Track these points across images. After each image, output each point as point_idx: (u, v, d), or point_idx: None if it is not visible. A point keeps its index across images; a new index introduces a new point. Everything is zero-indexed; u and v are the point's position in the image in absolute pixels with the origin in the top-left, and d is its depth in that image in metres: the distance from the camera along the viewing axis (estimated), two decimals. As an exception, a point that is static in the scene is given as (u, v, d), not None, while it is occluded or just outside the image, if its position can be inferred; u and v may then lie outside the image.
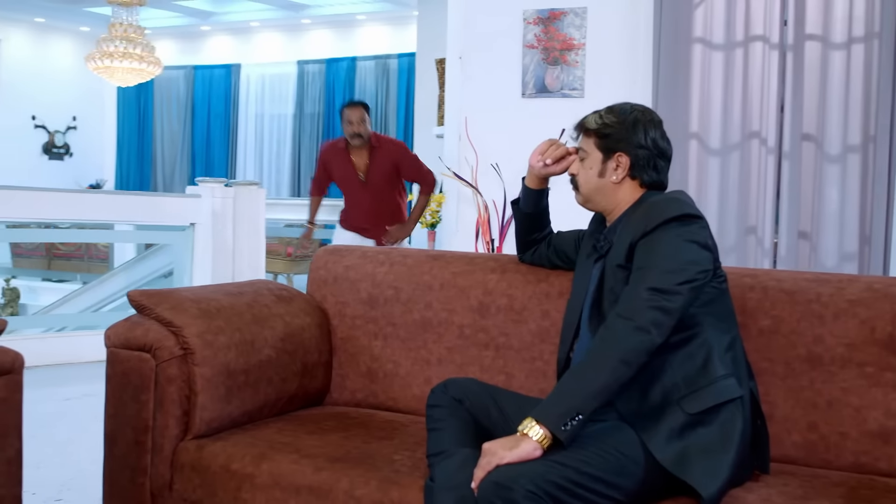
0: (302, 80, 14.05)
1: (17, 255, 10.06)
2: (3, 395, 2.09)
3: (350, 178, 5.89)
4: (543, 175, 2.46)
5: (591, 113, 2.34)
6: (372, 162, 5.83)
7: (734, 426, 2.03)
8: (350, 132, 5.77)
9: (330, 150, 6.00)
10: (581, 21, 4.99)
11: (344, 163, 5.89)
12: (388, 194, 5.95)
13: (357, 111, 5.78)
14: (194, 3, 13.36)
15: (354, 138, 5.78)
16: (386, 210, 5.94)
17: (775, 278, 2.41)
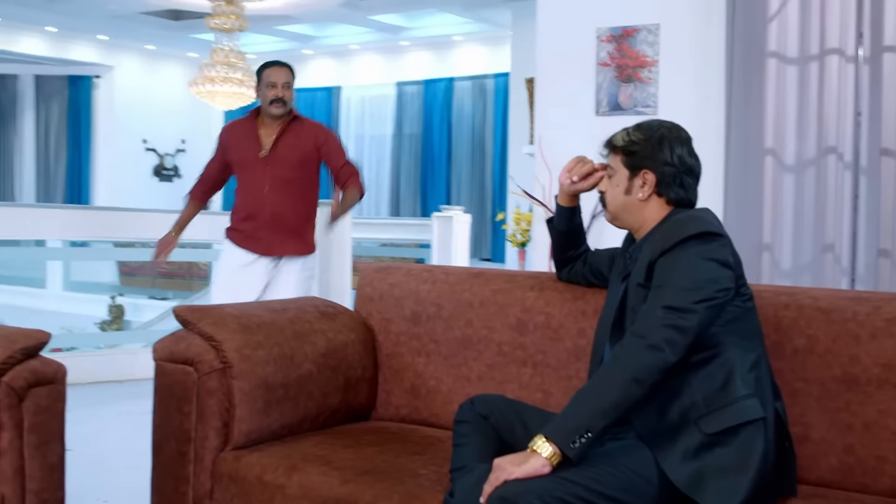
0: (401, 101, 14.27)
1: (124, 274, 10.49)
2: (46, 403, 2.20)
3: (248, 157, 4.39)
4: (572, 192, 2.47)
5: (620, 130, 2.35)
6: (283, 137, 4.39)
7: (754, 447, 2.00)
8: (271, 96, 4.36)
9: (232, 127, 4.55)
10: (654, 38, 4.95)
11: (245, 138, 4.43)
12: (295, 184, 4.43)
13: (283, 71, 4.44)
14: (296, 28, 13.72)
15: (275, 104, 4.36)
16: (288, 207, 4.42)
17: (811, 296, 2.36)
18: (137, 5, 12.05)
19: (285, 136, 4.39)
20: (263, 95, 4.42)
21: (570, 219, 2.53)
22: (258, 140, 4.40)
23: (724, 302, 2.05)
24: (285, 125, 4.41)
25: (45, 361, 2.22)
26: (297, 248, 4.50)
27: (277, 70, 4.45)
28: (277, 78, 4.40)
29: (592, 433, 1.93)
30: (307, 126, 4.51)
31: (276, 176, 4.37)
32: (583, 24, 5.16)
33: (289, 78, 4.45)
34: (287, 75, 4.45)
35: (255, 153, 4.38)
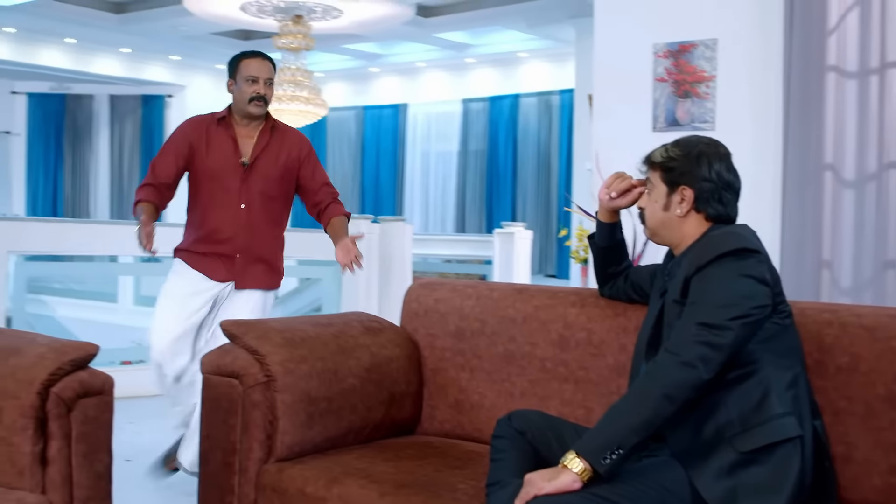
0: (466, 117, 14.35)
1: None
2: (94, 414, 2.27)
3: (226, 165, 3.64)
4: (611, 208, 2.47)
5: (659, 146, 2.35)
6: (268, 145, 3.69)
7: (790, 466, 1.97)
8: (251, 93, 3.61)
9: (198, 126, 3.70)
10: (711, 53, 4.91)
11: (221, 141, 3.66)
12: (275, 203, 3.74)
13: (266, 65, 3.68)
14: (363, 47, 13.89)
15: (255, 103, 3.62)
16: (265, 230, 3.74)
17: (855, 314, 2.32)
18: (208, 26, 12.32)
19: (270, 147, 3.69)
20: (240, 91, 3.64)
21: (610, 235, 2.53)
22: (237, 146, 3.66)
23: (760, 319, 2.03)
24: (268, 131, 3.71)
25: (94, 373, 2.29)
26: (268, 280, 3.78)
27: (259, 63, 3.67)
28: (259, 72, 3.64)
29: (623, 450, 1.92)
30: (289, 134, 3.80)
31: (255, 191, 3.66)
32: (640, 39, 5.14)
33: (272, 73, 3.69)
34: (270, 70, 3.69)
35: (233, 162, 3.64)
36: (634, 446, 1.94)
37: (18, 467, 2.20)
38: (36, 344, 2.31)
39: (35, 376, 2.20)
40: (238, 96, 3.66)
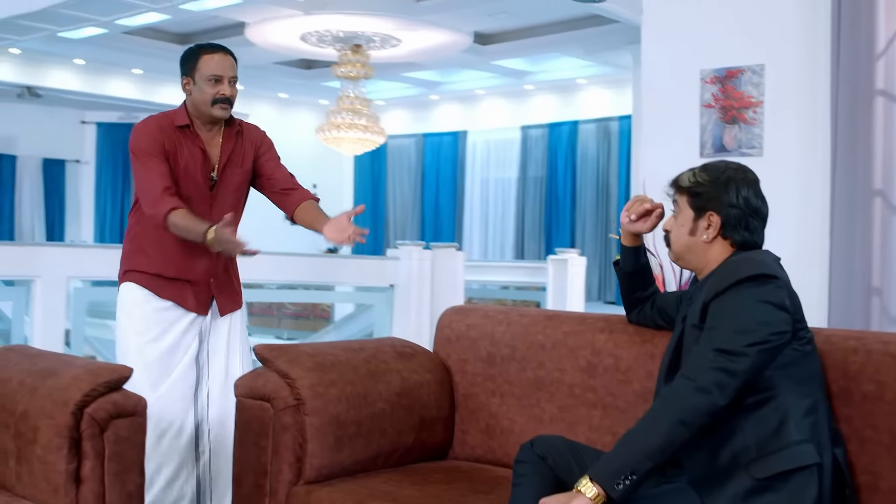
0: (525, 144, 14.39)
1: (251, 314, 10.86)
2: (126, 434, 2.34)
3: (194, 178, 3.18)
4: (632, 231, 2.49)
5: (686, 170, 2.35)
6: (233, 152, 3.23)
7: (806, 494, 1.96)
8: (215, 94, 3.10)
9: (165, 131, 3.14)
10: (759, 79, 4.89)
11: (189, 152, 3.17)
12: (237, 214, 3.31)
13: (229, 62, 3.15)
14: (423, 75, 14.04)
15: (219, 105, 3.12)
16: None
17: (882, 341, 2.30)
18: (270, 56, 12.56)
19: (235, 155, 3.24)
20: (201, 92, 3.12)
21: (634, 259, 2.54)
22: (206, 157, 3.20)
23: (778, 345, 2.03)
24: (233, 136, 3.24)
25: (127, 395, 2.37)
26: (240, 297, 3.39)
27: (221, 59, 3.14)
28: (223, 70, 3.12)
29: (637, 475, 1.93)
30: (245, 131, 3.31)
31: (225, 205, 3.20)
32: (687, 65, 5.13)
33: (235, 70, 3.18)
34: (233, 66, 3.18)
35: (203, 175, 3.20)
36: (648, 471, 1.94)
37: (53, 485, 2.27)
38: (72, 366, 2.39)
39: (70, 397, 2.28)
40: (199, 97, 3.13)
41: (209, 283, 3.23)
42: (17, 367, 2.47)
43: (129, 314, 3.20)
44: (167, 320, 3.18)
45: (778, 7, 4.80)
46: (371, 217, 16.08)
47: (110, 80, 13.38)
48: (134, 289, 3.19)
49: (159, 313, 3.17)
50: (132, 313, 3.19)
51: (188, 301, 3.20)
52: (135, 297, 3.19)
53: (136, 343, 3.16)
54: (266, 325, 10.73)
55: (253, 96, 14.99)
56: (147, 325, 3.16)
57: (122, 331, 3.21)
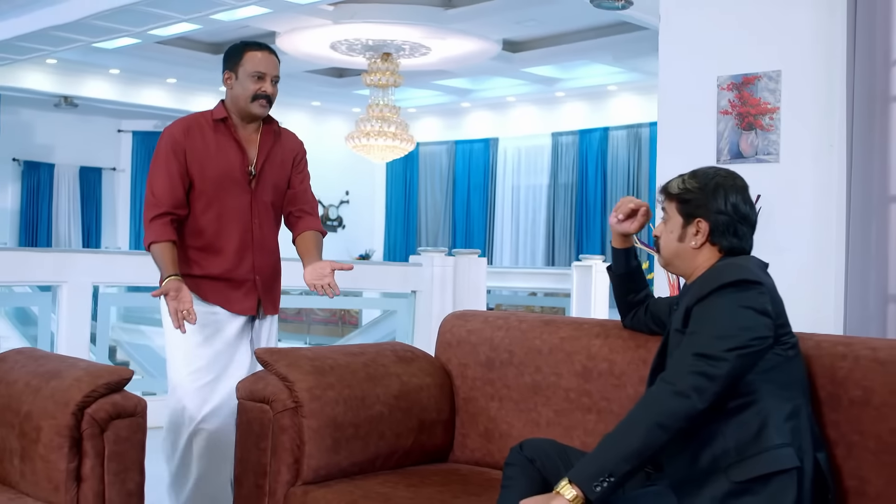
0: (556, 151, 14.38)
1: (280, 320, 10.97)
2: (126, 434, 2.41)
3: (231, 175, 3.18)
4: (620, 232, 2.53)
5: (676, 177, 2.37)
6: (272, 150, 3.26)
7: (784, 498, 1.98)
8: (256, 91, 3.14)
9: (190, 131, 3.17)
10: (775, 85, 4.88)
11: (223, 146, 3.18)
12: (278, 213, 3.35)
13: (273, 61, 3.20)
14: (454, 82, 14.08)
15: (259, 102, 3.15)
16: (274, 246, 3.33)
17: (870, 347, 2.30)
18: (302, 65, 12.68)
19: (274, 149, 3.26)
20: (242, 88, 3.14)
21: (624, 261, 2.57)
22: (243, 151, 3.20)
23: (759, 350, 2.05)
24: (271, 134, 3.26)
25: (127, 396, 2.44)
26: (277, 304, 3.41)
27: (266, 57, 3.18)
28: (267, 67, 3.16)
29: (615, 477, 1.96)
30: (289, 137, 3.37)
31: (266, 203, 3.24)
32: (704, 72, 5.13)
33: (278, 70, 3.22)
34: (276, 66, 3.22)
35: (241, 170, 3.18)
36: (626, 474, 1.97)
37: (55, 483, 2.35)
38: (75, 368, 2.47)
39: (71, 398, 2.35)
40: (239, 93, 3.16)
41: (255, 282, 3.23)
42: (24, 369, 2.55)
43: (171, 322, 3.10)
44: (215, 323, 3.17)
45: (794, 13, 4.79)
46: (403, 223, 16.17)
47: (145, 90, 13.57)
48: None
49: (206, 316, 3.13)
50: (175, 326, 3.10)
51: (234, 303, 3.19)
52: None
53: (183, 347, 3.14)
54: (296, 330, 10.84)
55: (286, 105, 15.13)
56: (196, 329, 3.10)
57: (170, 335, 3.17)
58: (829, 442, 2.27)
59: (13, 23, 9.30)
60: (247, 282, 3.22)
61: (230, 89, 3.20)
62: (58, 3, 8.62)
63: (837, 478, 2.26)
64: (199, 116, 3.23)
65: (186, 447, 3.13)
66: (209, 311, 3.16)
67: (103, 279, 5.69)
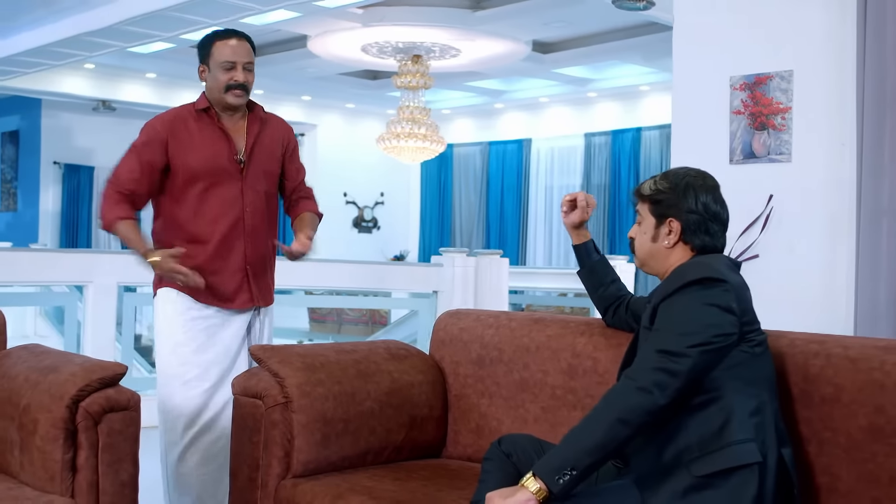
0: (589, 151, 14.38)
1: (313, 320, 11.11)
2: (120, 427, 2.51)
3: (219, 163, 3.14)
4: (569, 224, 2.69)
5: (648, 179, 2.42)
6: (259, 136, 3.24)
7: (745, 492, 2.01)
8: (228, 81, 3.10)
9: (173, 122, 3.16)
10: (787, 84, 4.88)
11: (208, 136, 3.15)
12: (272, 201, 3.32)
13: (243, 46, 3.13)
14: (487, 84, 14.15)
15: (232, 93, 3.11)
16: (265, 237, 3.28)
17: (842, 345, 2.33)
18: (335, 67, 12.82)
19: (262, 136, 3.24)
20: (214, 79, 3.12)
21: (584, 256, 2.71)
22: (229, 140, 3.17)
23: (723, 347, 2.08)
24: (257, 121, 3.24)
25: (121, 390, 2.53)
26: (270, 296, 3.36)
27: (236, 45, 3.12)
28: (237, 55, 3.11)
29: (577, 471, 2.00)
30: (272, 119, 3.33)
31: (257, 191, 3.21)
32: (717, 72, 5.14)
33: (251, 55, 3.15)
34: (248, 52, 3.14)
35: (229, 159, 3.15)
36: (588, 467, 2.02)
37: (50, 473, 2.45)
38: (72, 363, 2.57)
39: (65, 392, 2.45)
40: (212, 84, 3.14)
41: (246, 272, 3.20)
42: (25, 364, 2.66)
43: (169, 322, 3.16)
44: (208, 329, 3.15)
45: (806, 13, 4.79)
46: (437, 224, 16.26)
47: (181, 93, 13.76)
48: (174, 296, 3.15)
49: (199, 322, 3.13)
50: (173, 322, 3.15)
51: (227, 299, 3.16)
52: (175, 306, 3.15)
53: (176, 355, 3.14)
54: (326, 330, 10.96)
55: (320, 107, 15.30)
56: (191, 335, 3.12)
57: (163, 340, 3.19)
58: (802, 439, 2.31)
59: (49, 29, 9.54)
60: (238, 272, 3.19)
61: (205, 82, 3.20)
62: (90, 9, 8.83)
63: (809, 474, 2.29)
64: (182, 109, 3.22)
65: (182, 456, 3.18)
66: (202, 316, 3.15)
67: (128, 279, 5.82)
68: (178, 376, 3.15)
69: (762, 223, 4.74)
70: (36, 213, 14.52)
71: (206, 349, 3.17)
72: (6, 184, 15.27)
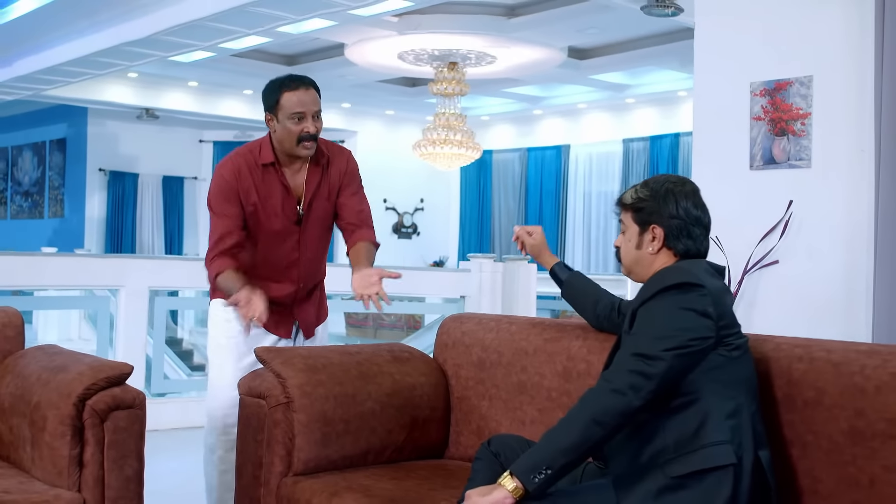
0: (627, 157, 14.37)
1: (350, 325, 11.24)
2: (125, 424, 2.61)
3: (277, 215, 3.22)
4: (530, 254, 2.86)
5: (629, 189, 2.47)
6: (320, 185, 3.27)
7: (719, 493, 2.05)
8: (300, 133, 3.11)
9: (240, 174, 3.18)
10: (806, 90, 4.88)
11: (271, 189, 3.21)
12: (324, 241, 3.40)
13: (312, 94, 3.12)
14: (525, 90, 14.20)
15: (305, 144, 3.14)
16: (320, 273, 3.44)
17: (826, 349, 2.36)
18: (374, 75, 12.95)
19: (322, 187, 3.27)
20: (285, 130, 3.11)
21: (557, 277, 2.83)
22: (289, 191, 3.22)
23: (699, 350, 2.12)
24: (319, 168, 3.25)
25: (127, 389, 2.63)
26: (325, 311, 3.51)
27: (304, 94, 3.10)
28: (305, 105, 3.09)
29: (552, 470, 2.06)
30: (332, 161, 3.31)
31: (312, 235, 3.30)
32: (737, 78, 5.16)
33: (318, 103, 3.14)
34: (316, 100, 3.14)
35: (289, 213, 3.23)
36: (563, 467, 2.07)
37: (59, 468, 2.55)
38: (80, 363, 2.68)
39: (73, 390, 2.56)
40: (283, 135, 3.13)
41: (292, 307, 3.33)
42: (38, 364, 2.77)
43: (218, 328, 3.31)
44: (253, 337, 3.22)
45: (825, 19, 4.79)
46: (477, 230, 16.33)
47: (223, 101, 14.02)
48: (221, 307, 3.29)
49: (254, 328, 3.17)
50: (219, 328, 3.31)
51: (283, 331, 3.31)
52: (223, 315, 3.29)
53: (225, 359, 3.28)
54: (363, 335, 11.09)
55: (360, 114, 15.45)
56: (235, 342, 3.26)
57: (213, 345, 3.34)
58: (785, 442, 2.34)
59: (91, 39, 9.78)
60: (287, 311, 3.32)
61: (273, 132, 3.16)
62: (130, 20, 9.04)
63: (792, 477, 2.32)
64: (248, 156, 3.19)
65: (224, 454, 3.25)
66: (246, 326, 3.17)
67: (158, 284, 5.97)
68: (226, 380, 3.23)
69: (781, 229, 4.75)
70: (82, 219, 14.84)
71: (248, 355, 3.23)
72: (54, 190, 15.64)
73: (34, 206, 16.18)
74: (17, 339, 3.02)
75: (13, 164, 16.81)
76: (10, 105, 14.11)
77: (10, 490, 2.49)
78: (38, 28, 10.08)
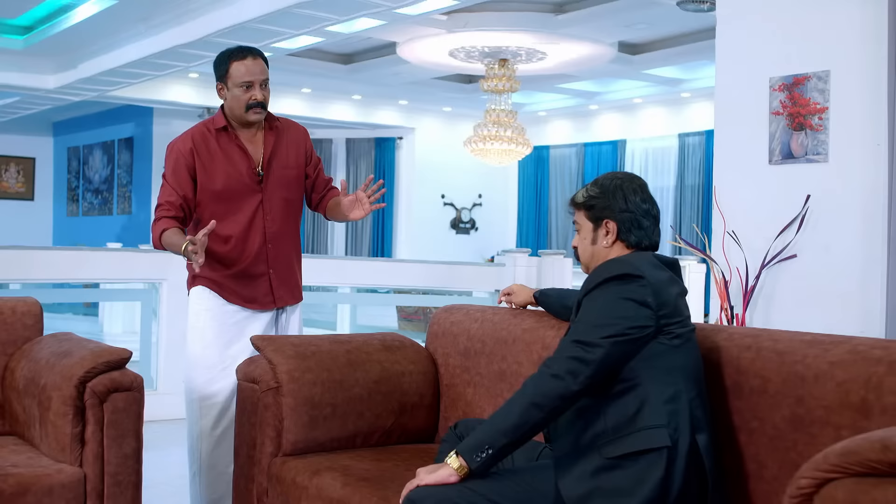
0: (683, 152, 14.31)
1: (402, 318, 11.42)
2: (124, 405, 2.82)
3: (239, 179, 3.37)
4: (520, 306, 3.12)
5: (580, 189, 2.58)
6: (276, 148, 3.45)
7: (651, 474, 2.16)
8: (248, 100, 3.30)
9: (196, 142, 3.37)
10: (824, 85, 4.90)
11: (228, 153, 3.38)
12: (294, 206, 3.53)
13: (259, 65, 3.32)
14: (580, 85, 14.24)
15: (255, 110, 3.33)
16: (289, 242, 3.52)
17: (773, 339, 2.45)
18: (430, 72, 13.13)
19: (279, 150, 3.45)
20: (234, 98, 3.32)
21: (548, 309, 3.01)
22: (247, 155, 3.40)
23: (637, 338, 2.24)
24: (275, 133, 3.45)
25: (125, 373, 2.84)
26: (300, 292, 3.59)
27: (251, 64, 3.29)
28: (253, 75, 3.28)
29: (493, 449, 2.19)
30: (290, 128, 3.54)
31: (276, 199, 3.44)
32: (757, 74, 5.19)
33: (266, 72, 3.33)
34: (264, 69, 3.33)
35: (249, 173, 3.39)
36: (504, 447, 2.20)
37: (62, 444, 2.77)
38: (84, 349, 2.89)
39: (74, 373, 2.78)
40: (233, 103, 3.34)
41: (269, 276, 3.43)
42: (48, 350, 3.00)
43: (200, 317, 3.41)
44: (236, 324, 3.40)
45: (842, 14, 4.81)
46: (534, 225, 16.41)
47: (282, 99, 14.31)
48: (206, 294, 3.41)
49: (227, 317, 3.38)
50: (204, 317, 3.41)
51: (250, 299, 3.40)
52: (206, 303, 3.41)
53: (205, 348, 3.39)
54: (413, 328, 11.26)
55: (417, 111, 15.65)
56: (221, 329, 3.39)
57: (194, 335, 3.43)
58: (734, 428, 2.44)
59: (148, 42, 10.15)
60: (261, 276, 3.42)
61: (224, 100, 3.38)
62: (182, 23, 9.37)
63: (739, 461, 2.42)
64: (202, 127, 3.41)
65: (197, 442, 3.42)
66: (231, 311, 3.40)
67: (198, 277, 6.22)
68: (206, 368, 3.39)
69: (798, 223, 4.78)
70: (148, 216, 15.29)
71: (233, 343, 3.41)
72: (122, 188, 16.17)
73: (104, 203, 16.75)
74: (35, 326, 3.25)
75: (84, 163, 17.41)
76: (80, 105, 14.63)
77: (18, 464, 2.72)
78: (98, 32, 10.48)
